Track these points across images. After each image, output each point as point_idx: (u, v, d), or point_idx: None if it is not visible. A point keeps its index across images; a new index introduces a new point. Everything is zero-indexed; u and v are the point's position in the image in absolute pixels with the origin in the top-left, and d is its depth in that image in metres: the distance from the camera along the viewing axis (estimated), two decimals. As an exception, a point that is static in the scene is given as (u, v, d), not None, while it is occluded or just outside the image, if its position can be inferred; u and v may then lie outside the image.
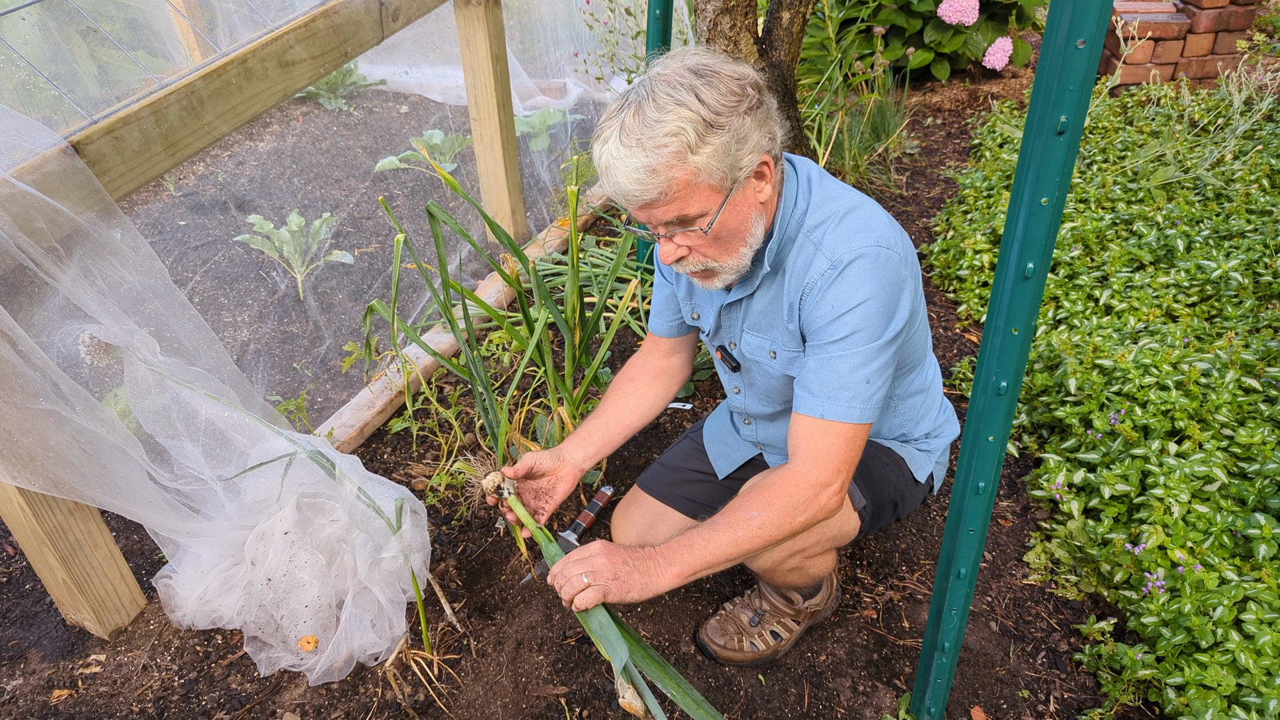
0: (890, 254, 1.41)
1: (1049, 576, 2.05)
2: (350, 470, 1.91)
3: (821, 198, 1.47)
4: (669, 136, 1.27)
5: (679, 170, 1.29)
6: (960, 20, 4.23)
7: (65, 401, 1.67)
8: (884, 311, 1.40)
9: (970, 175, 3.60)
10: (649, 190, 1.31)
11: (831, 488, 1.42)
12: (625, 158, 1.29)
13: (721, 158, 1.31)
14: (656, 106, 1.28)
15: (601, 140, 1.33)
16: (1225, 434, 2.11)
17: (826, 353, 1.43)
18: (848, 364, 1.41)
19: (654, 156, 1.28)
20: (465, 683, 1.86)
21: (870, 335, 1.40)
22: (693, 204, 1.34)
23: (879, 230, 1.42)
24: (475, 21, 2.94)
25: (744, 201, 1.39)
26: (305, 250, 3.28)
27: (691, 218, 1.35)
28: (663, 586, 1.35)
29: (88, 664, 1.93)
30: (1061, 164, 0.99)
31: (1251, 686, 1.65)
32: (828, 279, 1.40)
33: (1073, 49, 0.92)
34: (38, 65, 4.11)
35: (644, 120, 1.28)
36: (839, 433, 1.42)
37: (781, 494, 1.41)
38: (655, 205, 1.34)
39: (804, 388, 1.46)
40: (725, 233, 1.40)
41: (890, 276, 1.40)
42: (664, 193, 1.31)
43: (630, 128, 1.29)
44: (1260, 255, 2.72)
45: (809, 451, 1.43)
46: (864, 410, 1.42)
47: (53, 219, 1.63)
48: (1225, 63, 4.32)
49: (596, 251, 3.23)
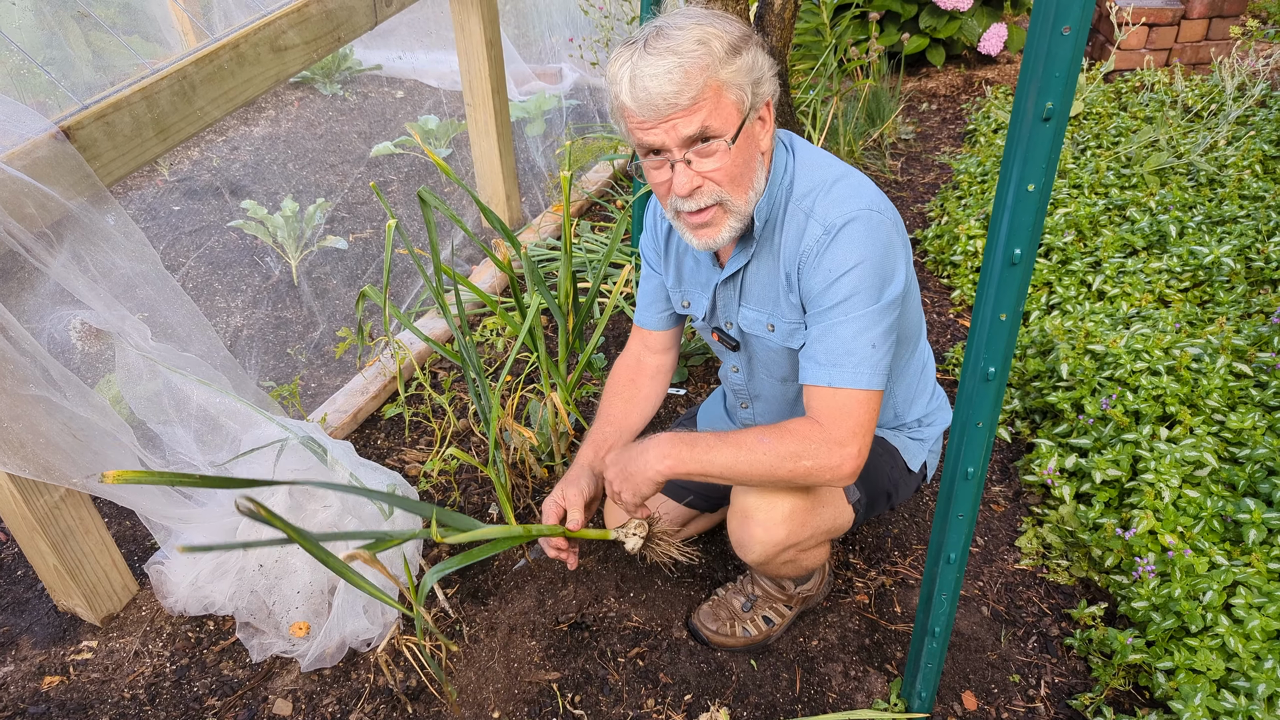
0: (882, 218, 1.42)
1: (1040, 561, 2.06)
2: (342, 456, 1.91)
3: (808, 166, 1.48)
4: (697, 44, 1.29)
5: (709, 75, 1.30)
6: (955, 6, 4.21)
7: (56, 387, 1.67)
8: (880, 273, 1.41)
9: (965, 161, 3.59)
10: (682, 91, 1.29)
11: (847, 449, 1.41)
12: (654, 61, 1.29)
13: (745, 76, 1.33)
14: (677, 28, 1.31)
15: (621, 61, 1.33)
16: (1216, 419, 2.11)
17: (828, 319, 1.43)
18: (850, 329, 1.41)
19: (685, 58, 1.29)
20: (457, 668, 1.87)
21: (869, 298, 1.40)
22: (718, 115, 1.33)
23: (868, 196, 1.43)
24: (469, 7, 2.93)
25: (752, 138, 1.40)
26: (299, 236, 3.27)
27: (715, 132, 1.34)
28: (652, 471, 1.48)
29: (79, 650, 1.94)
30: (1048, 150, 0.99)
31: (1240, 671, 1.66)
32: (822, 244, 1.41)
33: (1059, 35, 0.91)
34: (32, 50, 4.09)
35: (669, 38, 1.30)
36: (849, 396, 1.42)
37: (796, 434, 1.43)
38: (682, 113, 1.31)
39: (810, 358, 1.46)
40: (740, 162, 1.39)
41: (883, 239, 1.41)
42: (694, 97, 1.30)
43: (655, 41, 1.31)
44: (1253, 241, 2.72)
45: (824, 414, 1.44)
46: (872, 375, 1.42)
47: (43, 204, 1.62)
48: (1219, 49, 4.31)
49: (591, 237, 3.22)
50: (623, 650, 1.90)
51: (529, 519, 2.22)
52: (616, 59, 1.34)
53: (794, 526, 1.55)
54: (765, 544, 1.56)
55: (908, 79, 4.65)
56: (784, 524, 1.54)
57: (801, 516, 1.55)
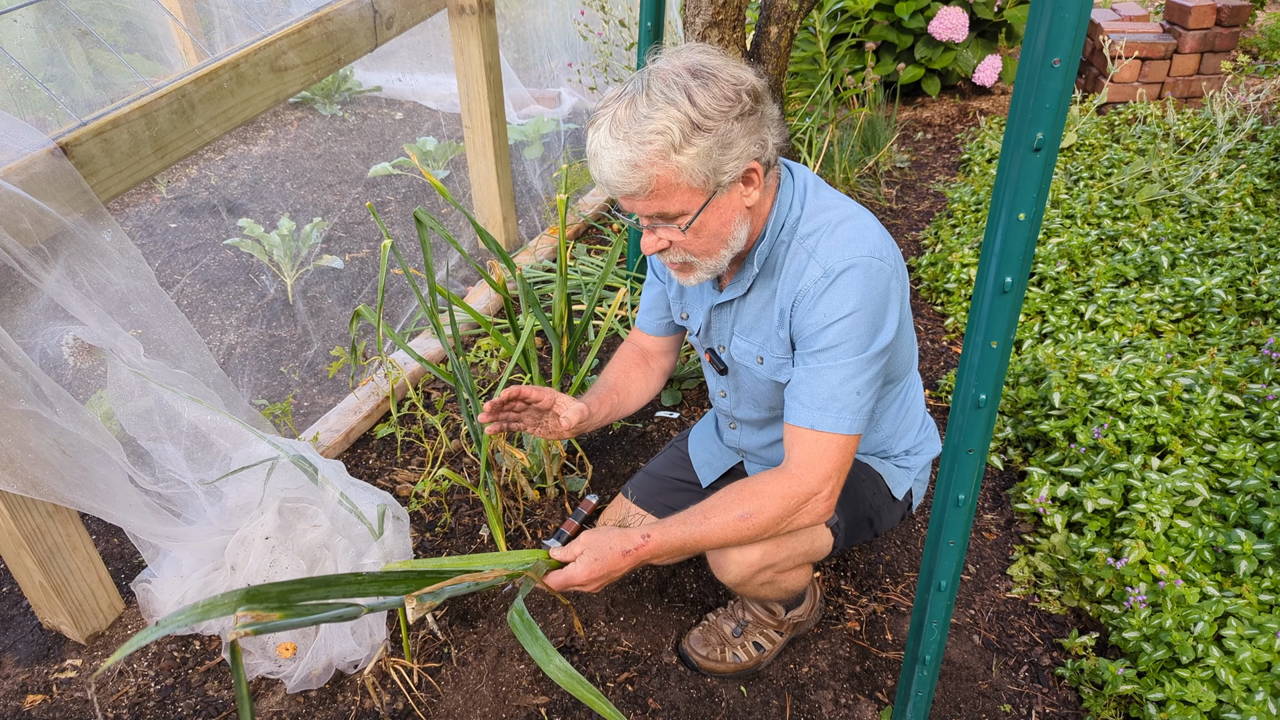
0: (883, 265, 1.42)
1: (1032, 590, 2.06)
2: (333, 475, 1.90)
3: (816, 206, 1.49)
4: (654, 134, 1.29)
5: (660, 168, 1.32)
6: (951, 37, 4.26)
7: (46, 403, 1.66)
8: (871, 323, 1.42)
9: (959, 190, 3.62)
10: (630, 183, 1.34)
11: (821, 494, 1.46)
12: (611, 148, 1.32)
13: (704, 161, 1.32)
14: (649, 102, 1.31)
15: (595, 126, 1.36)
16: (1207, 449, 2.12)
17: (815, 361, 1.44)
18: (837, 375, 1.43)
19: (638, 151, 1.30)
20: (445, 691, 1.85)
21: (858, 347, 1.42)
22: (672, 202, 1.36)
23: (872, 241, 1.44)
24: (469, 30, 2.96)
25: (728, 205, 1.40)
26: (295, 254, 3.28)
27: (671, 215, 1.38)
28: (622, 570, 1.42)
29: (63, 669, 1.91)
30: (1038, 180, 1.00)
31: (1232, 703, 1.65)
32: (820, 286, 1.42)
33: (1049, 68, 0.92)
34: (34, 67, 4.11)
35: (635, 114, 1.31)
36: (830, 442, 1.45)
37: (774, 497, 1.45)
38: (636, 198, 1.37)
39: (794, 398, 1.48)
40: (706, 233, 1.42)
41: (880, 288, 1.42)
42: (644, 187, 1.34)
43: (620, 120, 1.32)
44: (1244, 273, 2.74)
45: (802, 458, 1.46)
46: (853, 421, 1.45)
47: (39, 220, 1.63)
48: (1210, 83, 4.36)
49: (587, 260, 3.23)
50: (612, 675, 1.88)
51: (519, 540, 2.21)
52: (596, 115, 1.37)
53: (768, 547, 1.57)
54: (741, 564, 1.57)
55: (903, 108, 4.69)
56: (758, 545, 1.55)
57: (776, 538, 1.57)
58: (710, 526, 1.45)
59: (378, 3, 2.53)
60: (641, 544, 1.41)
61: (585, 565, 1.38)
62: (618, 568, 1.40)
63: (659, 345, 1.87)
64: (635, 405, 1.83)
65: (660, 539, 1.43)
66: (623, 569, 1.41)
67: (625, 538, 1.41)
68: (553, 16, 4.56)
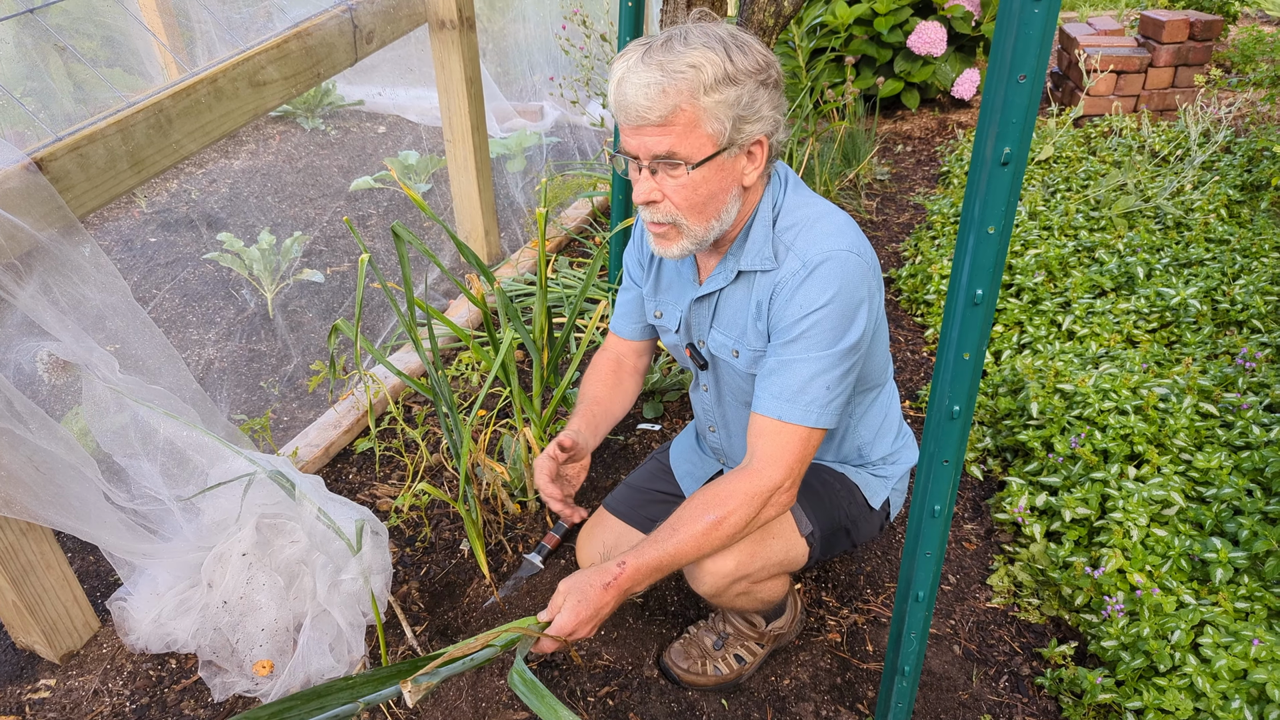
0: (860, 261, 1.44)
1: (1012, 600, 2.07)
2: (311, 490, 1.89)
3: (796, 202, 1.50)
4: (689, 66, 1.31)
5: (686, 101, 1.32)
6: (929, 51, 4.30)
7: (19, 420, 1.65)
8: (847, 316, 1.43)
9: (938, 202, 3.65)
10: (653, 108, 1.32)
11: (783, 487, 1.47)
12: (641, 71, 1.32)
13: (727, 111, 1.34)
14: (685, 43, 1.33)
15: (624, 57, 1.36)
16: (1183, 458, 2.14)
17: (789, 352, 1.45)
18: (809, 369, 1.44)
19: (669, 78, 1.31)
20: (424, 707, 1.84)
21: (832, 339, 1.43)
22: (685, 143, 1.35)
23: (850, 236, 1.45)
24: (450, 45, 2.96)
25: (729, 170, 1.41)
26: (275, 268, 3.27)
27: (680, 156, 1.36)
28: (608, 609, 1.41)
29: (36, 689, 1.89)
30: (1007, 193, 1.01)
31: (1209, 711, 1.66)
32: (798, 278, 1.43)
33: (1015, 83, 0.94)
34: (13, 82, 4.08)
35: (670, 49, 1.33)
36: (794, 434, 1.46)
37: (739, 495, 1.45)
38: (652, 129, 1.35)
39: (764, 388, 1.48)
40: (703, 192, 1.41)
41: (856, 283, 1.43)
42: (663, 116, 1.33)
43: (655, 51, 1.33)
44: (1218, 283, 2.78)
45: (765, 452, 1.47)
46: (821, 415, 1.45)
47: (12, 235, 1.62)
48: (1184, 96, 4.42)
49: (569, 273, 3.23)
50: (592, 689, 1.88)
51: (500, 555, 2.20)
52: (623, 55, 1.38)
53: (742, 558, 1.57)
54: (715, 574, 1.57)
55: (883, 121, 4.73)
56: (732, 555, 1.56)
57: (750, 547, 1.57)
58: (681, 538, 1.44)
59: (358, 17, 2.54)
60: (618, 572, 1.40)
61: (571, 610, 1.37)
62: (603, 603, 1.39)
63: (635, 348, 1.88)
64: (621, 411, 1.84)
65: (635, 562, 1.42)
66: (608, 603, 1.39)
67: (601, 572, 1.41)
68: (534, 31, 4.58)
